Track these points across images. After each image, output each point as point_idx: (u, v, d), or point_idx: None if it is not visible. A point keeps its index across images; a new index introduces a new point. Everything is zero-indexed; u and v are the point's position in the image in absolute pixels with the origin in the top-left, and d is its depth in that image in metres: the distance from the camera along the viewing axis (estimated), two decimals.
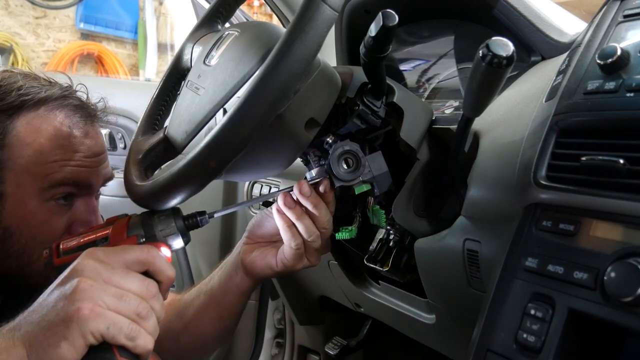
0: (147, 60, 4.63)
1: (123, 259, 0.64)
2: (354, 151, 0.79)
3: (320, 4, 0.60)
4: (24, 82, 0.85)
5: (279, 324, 1.74)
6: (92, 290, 0.60)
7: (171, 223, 0.71)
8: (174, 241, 0.71)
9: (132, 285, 0.62)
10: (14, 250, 0.82)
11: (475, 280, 0.77)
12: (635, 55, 0.56)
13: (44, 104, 0.84)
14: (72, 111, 0.86)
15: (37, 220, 0.82)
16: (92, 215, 0.87)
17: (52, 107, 0.84)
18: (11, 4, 4.18)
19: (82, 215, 0.86)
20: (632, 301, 0.46)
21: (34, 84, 0.86)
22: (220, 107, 0.73)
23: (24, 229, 0.82)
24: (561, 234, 0.55)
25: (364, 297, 1.12)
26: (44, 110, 0.83)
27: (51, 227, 0.83)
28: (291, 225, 0.81)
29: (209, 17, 0.90)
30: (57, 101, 0.85)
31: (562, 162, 0.57)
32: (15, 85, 0.83)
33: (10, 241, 0.82)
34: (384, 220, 0.87)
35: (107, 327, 0.59)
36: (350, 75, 0.80)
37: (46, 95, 0.84)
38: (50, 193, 0.82)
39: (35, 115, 0.83)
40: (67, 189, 0.84)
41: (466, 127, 0.74)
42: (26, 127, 0.82)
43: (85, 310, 0.58)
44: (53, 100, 0.85)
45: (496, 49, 0.60)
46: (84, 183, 0.85)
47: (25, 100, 0.82)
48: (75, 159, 0.84)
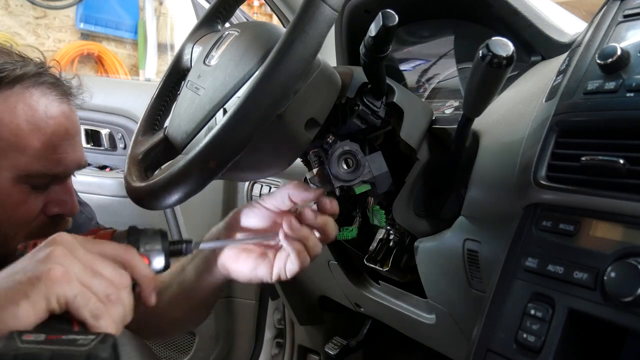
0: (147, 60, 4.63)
1: (100, 248, 0.61)
2: (354, 151, 0.79)
3: (320, 4, 0.60)
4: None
5: (279, 324, 1.74)
6: (66, 258, 0.57)
7: (157, 242, 0.68)
8: (154, 259, 0.67)
9: (105, 270, 0.59)
10: None
11: (475, 280, 0.77)
12: (635, 55, 0.56)
13: (19, 81, 0.80)
14: (47, 89, 0.83)
15: (13, 201, 0.79)
16: (68, 196, 0.85)
17: (27, 85, 0.81)
18: (11, 4, 4.18)
19: (58, 196, 0.84)
20: (632, 301, 0.46)
21: (7, 59, 0.82)
22: (220, 107, 0.73)
23: (2, 210, 0.79)
24: (561, 234, 0.55)
25: (364, 297, 1.12)
26: (20, 88, 0.80)
27: (27, 208, 0.81)
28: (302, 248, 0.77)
29: (209, 17, 0.90)
30: (33, 79, 0.81)
31: (562, 162, 0.57)
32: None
33: None
34: (384, 220, 0.87)
35: (74, 295, 0.55)
36: (350, 75, 0.80)
37: (22, 72, 0.81)
38: (27, 180, 0.80)
39: (11, 94, 0.79)
40: (45, 180, 0.82)
41: (466, 127, 0.74)
42: (2, 107, 0.78)
43: (57, 272, 0.55)
44: (28, 78, 0.81)
45: (496, 49, 0.60)
46: (57, 168, 0.82)
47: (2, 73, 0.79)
48: (54, 144, 0.81)
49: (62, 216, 0.86)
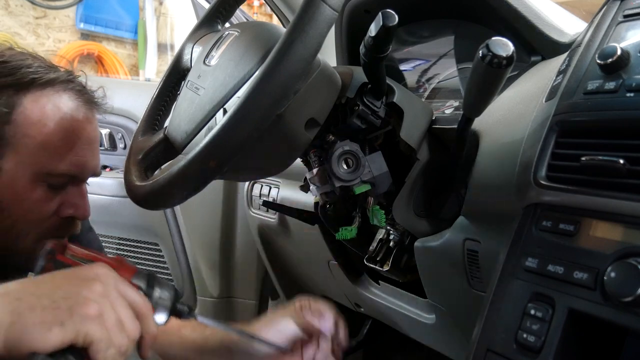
0: (147, 60, 4.63)
1: (130, 295, 0.64)
2: (354, 151, 0.79)
3: (320, 4, 0.60)
4: (32, 61, 0.85)
5: None
6: (103, 298, 0.60)
7: (168, 298, 0.69)
8: (159, 313, 0.69)
9: (127, 320, 0.62)
10: (4, 225, 0.82)
11: (475, 280, 0.77)
12: (635, 55, 0.56)
13: (50, 84, 0.84)
14: (75, 95, 0.87)
15: (30, 199, 0.82)
16: (82, 200, 0.87)
17: (57, 89, 0.85)
18: (11, 4, 4.18)
19: (72, 199, 0.86)
20: (632, 301, 0.46)
21: (40, 64, 0.86)
22: (220, 107, 0.73)
23: (16, 205, 0.82)
24: (561, 234, 0.55)
25: (364, 297, 1.12)
26: (51, 91, 0.84)
27: (42, 207, 0.83)
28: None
29: (209, 17, 0.90)
30: (63, 84, 0.86)
31: (562, 162, 0.57)
32: (24, 62, 0.84)
33: (1, 216, 0.82)
34: (384, 220, 0.87)
35: (99, 339, 0.58)
36: (350, 75, 0.80)
37: (54, 76, 0.85)
38: (46, 179, 0.83)
39: (42, 95, 0.83)
40: (63, 180, 0.84)
41: (466, 127, 0.73)
42: (33, 106, 0.82)
43: (93, 310, 0.58)
44: (59, 83, 0.85)
45: (496, 49, 0.60)
46: (76, 170, 0.85)
47: (34, 78, 0.83)
48: (76, 147, 0.84)
49: (73, 219, 0.87)
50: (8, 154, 0.81)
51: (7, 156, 0.81)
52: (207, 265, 1.66)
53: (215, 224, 1.63)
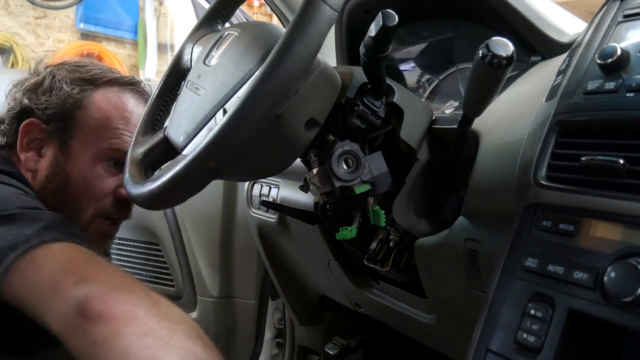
0: (147, 60, 4.62)
1: None
2: (354, 151, 0.79)
3: (320, 4, 0.60)
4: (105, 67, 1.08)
5: (279, 324, 1.74)
6: None
7: None
8: None
9: None
10: (69, 197, 0.97)
11: (475, 280, 0.77)
12: (635, 55, 0.56)
13: (118, 83, 1.04)
14: (137, 95, 1.06)
15: (92, 175, 0.98)
16: None
17: (123, 88, 1.04)
18: (11, 4, 4.17)
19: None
20: (632, 301, 0.46)
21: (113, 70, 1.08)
22: (220, 107, 0.73)
23: (80, 180, 0.97)
24: (561, 234, 0.55)
25: (364, 297, 1.12)
26: (117, 88, 1.03)
27: (102, 184, 0.98)
28: None
29: (209, 17, 0.90)
30: (129, 85, 1.06)
31: (562, 162, 0.57)
32: (98, 66, 1.07)
33: (68, 188, 0.97)
34: (384, 220, 0.87)
35: None
36: (350, 75, 0.80)
37: (118, 76, 1.05)
38: (107, 155, 0.99)
39: (110, 90, 1.02)
40: (121, 156, 0.97)
41: (466, 127, 0.73)
42: (102, 96, 1.01)
43: None
44: (126, 83, 1.05)
45: (496, 49, 0.60)
46: None
47: (106, 76, 1.03)
48: (131, 131, 0.99)
49: (126, 204, 1.01)
50: (77, 133, 0.98)
51: (76, 136, 0.98)
52: (207, 265, 1.66)
53: (215, 224, 1.63)
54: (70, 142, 0.98)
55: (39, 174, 0.98)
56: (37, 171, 0.98)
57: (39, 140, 0.99)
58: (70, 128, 0.98)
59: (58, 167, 0.98)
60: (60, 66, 1.03)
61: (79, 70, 1.02)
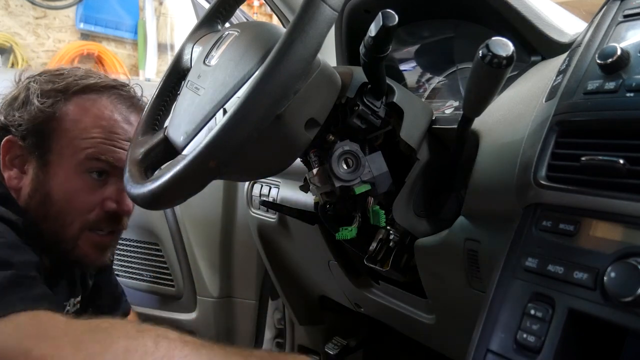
0: (147, 60, 4.62)
1: None
2: (354, 151, 0.79)
3: (320, 4, 0.60)
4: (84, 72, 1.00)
5: (279, 324, 1.74)
6: None
7: None
8: None
9: None
10: (52, 213, 0.94)
11: (475, 280, 0.77)
12: (635, 55, 0.56)
13: (94, 90, 0.98)
14: (117, 99, 0.99)
15: (74, 189, 0.94)
16: (123, 196, 0.96)
17: (101, 94, 0.98)
18: (11, 4, 4.17)
19: (114, 194, 0.96)
20: (632, 301, 0.46)
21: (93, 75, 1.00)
22: (220, 107, 0.73)
23: (61, 194, 0.93)
24: (561, 234, 0.55)
25: (364, 297, 1.12)
26: (94, 95, 0.97)
27: (86, 198, 0.94)
28: None
29: (209, 17, 0.90)
30: (107, 90, 0.99)
31: (562, 162, 0.57)
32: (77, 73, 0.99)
33: (50, 204, 0.93)
34: (384, 220, 0.87)
35: None
36: (350, 75, 0.80)
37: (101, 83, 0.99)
38: (87, 166, 0.94)
39: (84, 98, 0.97)
40: (101, 165, 0.95)
41: (466, 127, 0.73)
42: (75, 106, 0.95)
43: None
44: (103, 88, 0.99)
45: (496, 49, 0.60)
46: (117, 163, 0.95)
47: (79, 84, 0.97)
48: (112, 139, 0.95)
49: (117, 215, 0.97)
50: (54, 147, 0.94)
51: (53, 150, 0.94)
52: (207, 265, 1.66)
53: (215, 224, 1.63)
54: (47, 157, 0.94)
55: (22, 192, 0.95)
56: (20, 189, 0.96)
57: (20, 157, 0.96)
58: (46, 142, 0.94)
59: (39, 183, 0.94)
60: (38, 77, 0.99)
61: (54, 80, 0.97)
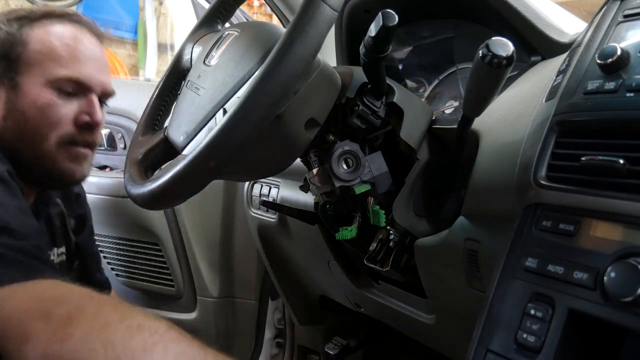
0: (147, 60, 4.62)
1: None
2: (354, 151, 0.79)
3: (320, 4, 0.60)
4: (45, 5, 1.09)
5: (279, 324, 1.74)
6: None
7: None
8: None
9: None
10: (28, 129, 0.98)
11: (475, 280, 0.77)
12: (635, 55, 0.56)
13: (55, 16, 1.04)
14: (79, 24, 1.06)
15: (46, 104, 0.98)
16: (94, 109, 1.02)
17: (62, 19, 1.04)
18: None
19: (86, 108, 1.01)
20: (632, 301, 0.46)
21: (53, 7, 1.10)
22: (220, 107, 0.73)
23: (34, 110, 0.98)
24: (561, 234, 0.55)
25: (364, 297, 1.12)
26: (56, 20, 1.03)
27: (59, 111, 0.99)
28: None
29: (209, 17, 0.90)
30: (68, 16, 1.06)
31: (562, 162, 0.57)
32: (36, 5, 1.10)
33: (25, 122, 0.98)
34: (384, 220, 0.87)
35: None
36: (350, 75, 0.80)
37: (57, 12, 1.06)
38: (57, 84, 0.98)
39: (49, 23, 1.02)
40: (69, 85, 0.99)
41: (466, 127, 0.74)
42: (40, 30, 1.01)
43: None
44: (64, 15, 1.06)
45: (496, 49, 0.60)
46: (86, 83, 1.01)
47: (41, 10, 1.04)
48: (80, 59, 1.01)
49: (90, 127, 1.02)
50: (22, 69, 0.98)
51: (22, 72, 0.98)
52: (207, 265, 1.66)
53: (215, 224, 1.63)
54: (17, 79, 0.98)
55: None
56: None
57: None
58: (15, 65, 0.99)
59: (11, 105, 0.99)
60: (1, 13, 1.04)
61: (17, 11, 1.04)
